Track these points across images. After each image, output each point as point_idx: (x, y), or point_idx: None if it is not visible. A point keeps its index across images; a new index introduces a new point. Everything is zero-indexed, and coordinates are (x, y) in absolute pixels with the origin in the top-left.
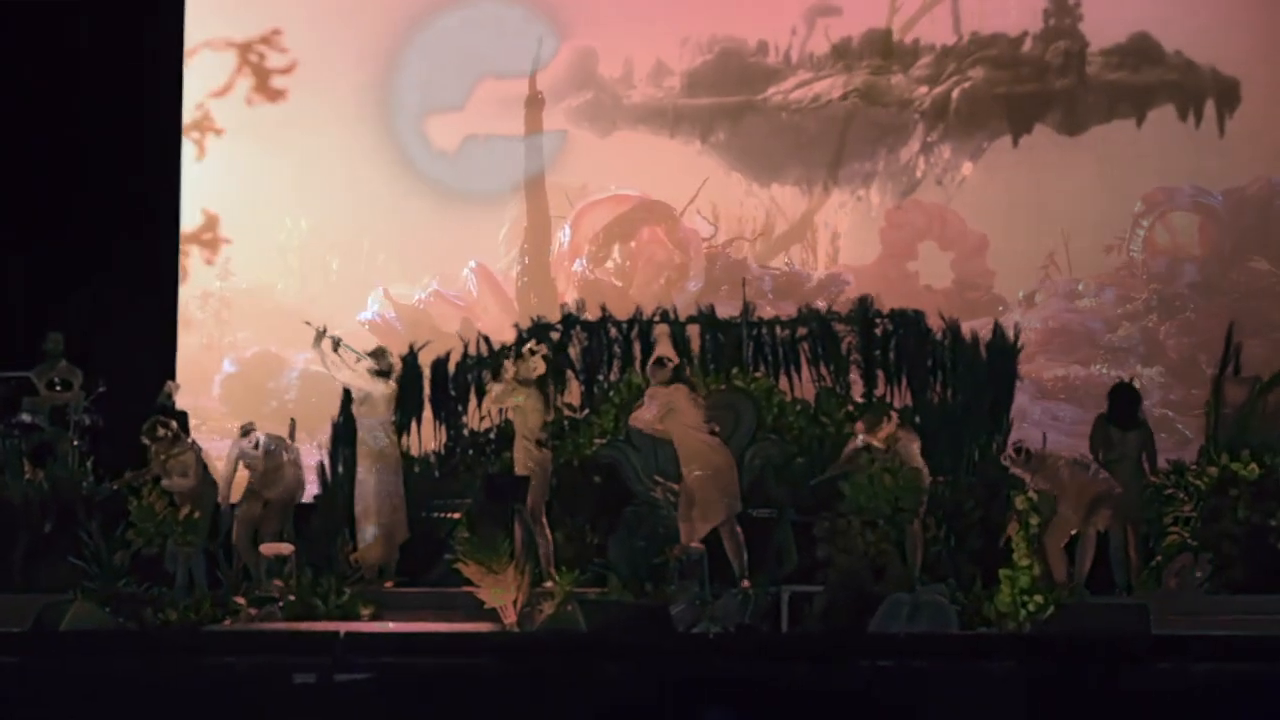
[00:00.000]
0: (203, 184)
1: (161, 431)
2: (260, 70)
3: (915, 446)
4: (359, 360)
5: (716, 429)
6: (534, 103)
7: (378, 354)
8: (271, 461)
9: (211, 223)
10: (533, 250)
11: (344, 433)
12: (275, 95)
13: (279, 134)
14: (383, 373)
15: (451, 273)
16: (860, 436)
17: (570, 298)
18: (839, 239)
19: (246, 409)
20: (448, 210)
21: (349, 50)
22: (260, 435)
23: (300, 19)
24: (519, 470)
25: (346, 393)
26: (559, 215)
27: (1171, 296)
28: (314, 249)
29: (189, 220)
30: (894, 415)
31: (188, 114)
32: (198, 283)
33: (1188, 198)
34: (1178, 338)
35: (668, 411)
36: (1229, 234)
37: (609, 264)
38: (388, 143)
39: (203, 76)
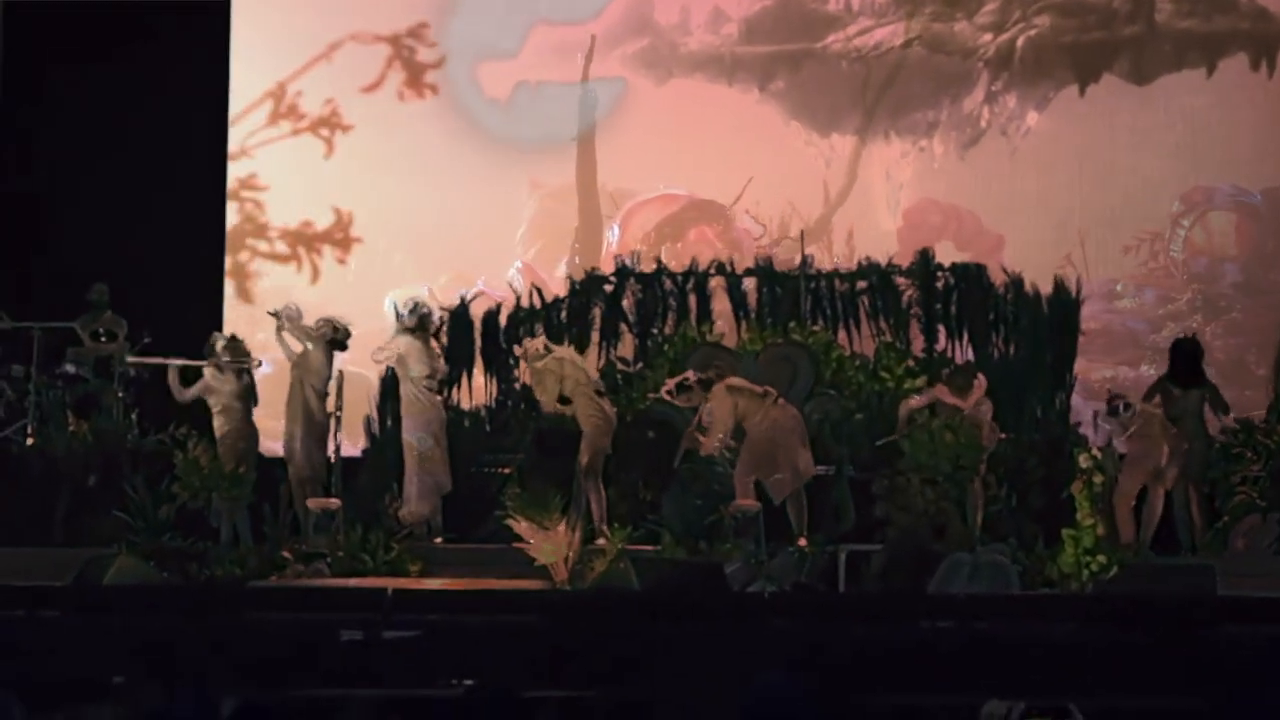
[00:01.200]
0: (333, 180)
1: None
2: (412, 65)
3: (990, 413)
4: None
5: (778, 396)
6: (588, 99)
7: (411, 309)
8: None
9: (343, 221)
10: (584, 252)
11: (390, 388)
12: (425, 90)
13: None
14: (414, 329)
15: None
16: (941, 398)
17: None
18: (901, 190)
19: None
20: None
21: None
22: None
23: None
24: (583, 425)
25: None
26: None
27: (1215, 297)
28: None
29: (322, 220)
30: (982, 379)
31: (314, 108)
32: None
33: (1227, 197)
34: (1224, 338)
35: (734, 411)
36: (1270, 233)
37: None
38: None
39: (350, 71)
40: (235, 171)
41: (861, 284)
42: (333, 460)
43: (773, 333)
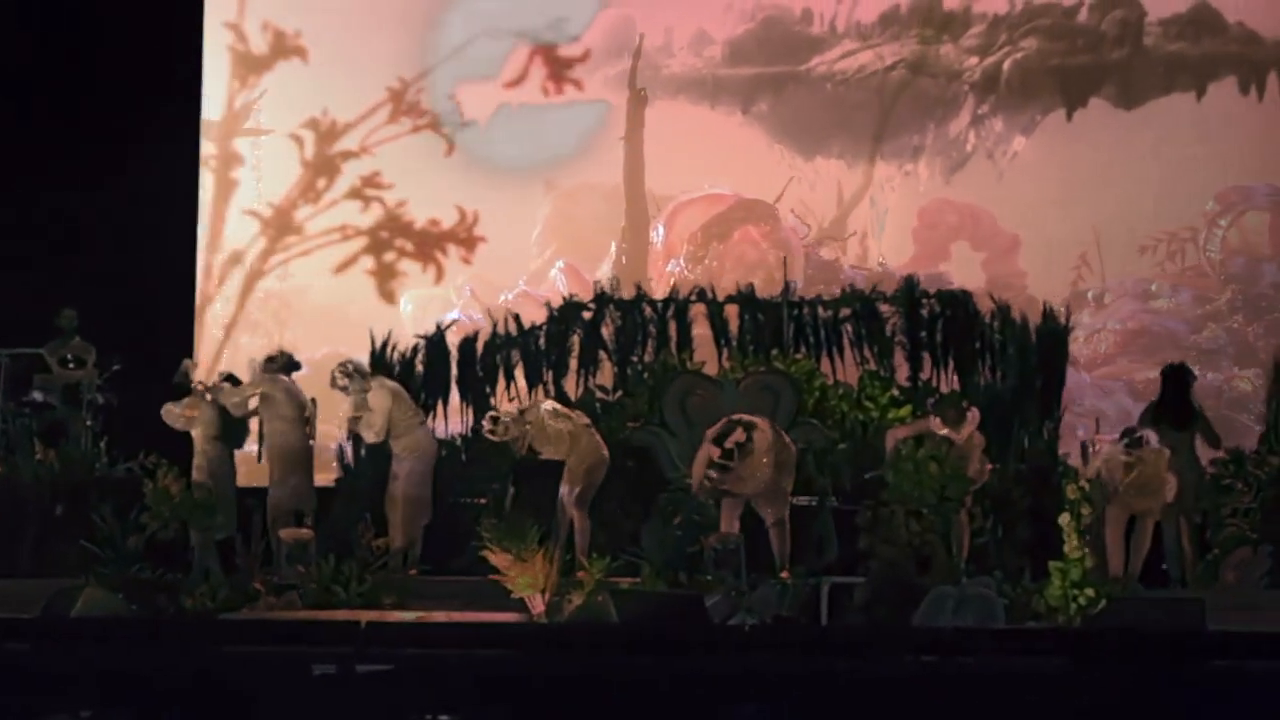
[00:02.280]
0: (452, 180)
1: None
2: (554, 59)
3: (982, 446)
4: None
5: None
6: (637, 99)
7: (346, 372)
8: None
9: (467, 220)
10: (631, 252)
11: None
12: (567, 84)
13: None
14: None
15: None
16: (934, 429)
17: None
18: (887, 215)
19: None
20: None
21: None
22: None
23: None
24: (582, 459)
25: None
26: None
27: (1256, 297)
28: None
29: (448, 218)
30: (975, 412)
31: (437, 104)
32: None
33: (1264, 196)
34: (1267, 338)
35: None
36: None
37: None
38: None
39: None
40: (359, 169)
41: (845, 311)
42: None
43: (754, 361)
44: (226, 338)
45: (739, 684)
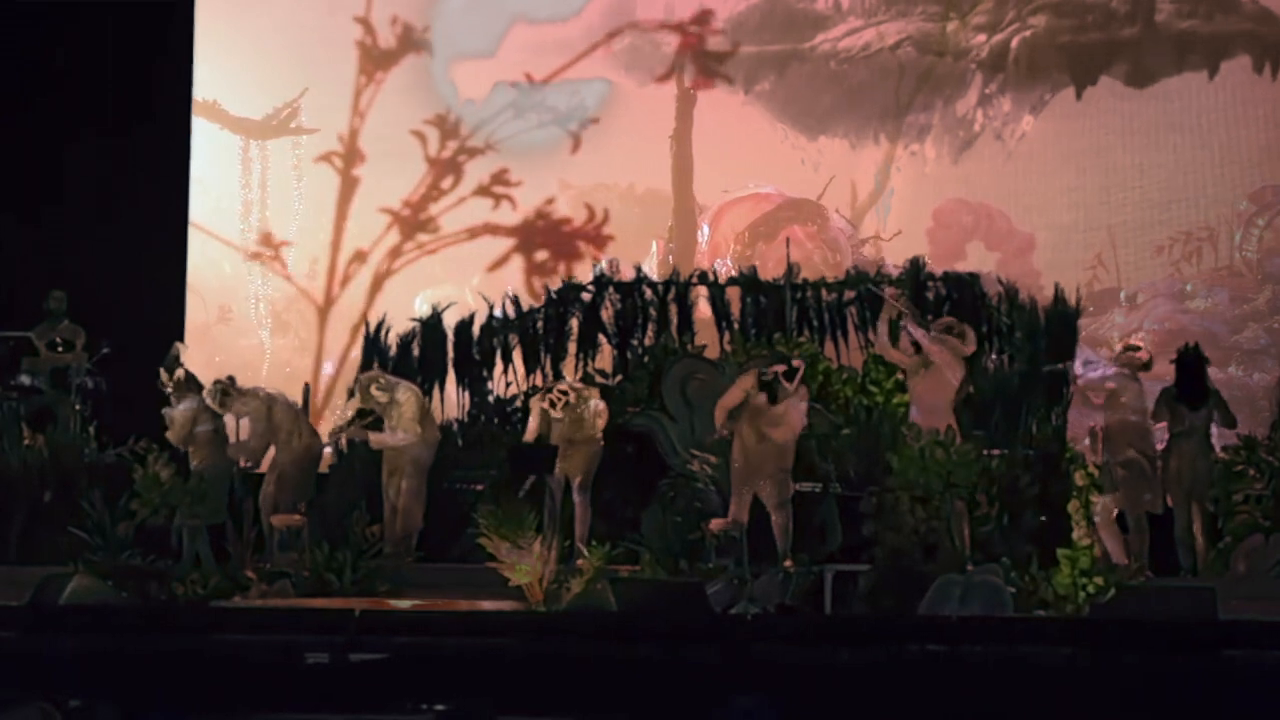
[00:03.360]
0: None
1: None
2: (701, 54)
3: (969, 347)
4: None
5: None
6: (686, 98)
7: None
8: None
9: (595, 217)
10: (678, 252)
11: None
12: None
13: None
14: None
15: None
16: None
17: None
18: (893, 195)
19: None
20: None
21: None
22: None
23: None
24: (588, 444)
25: (365, 361)
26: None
27: None
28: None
29: (577, 215)
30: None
31: (566, 104)
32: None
33: None
34: None
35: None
36: None
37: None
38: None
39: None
40: (488, 167)
41: (849, 294)
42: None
43: (757, 344)
44: (352, 339)
45: (739, 674)
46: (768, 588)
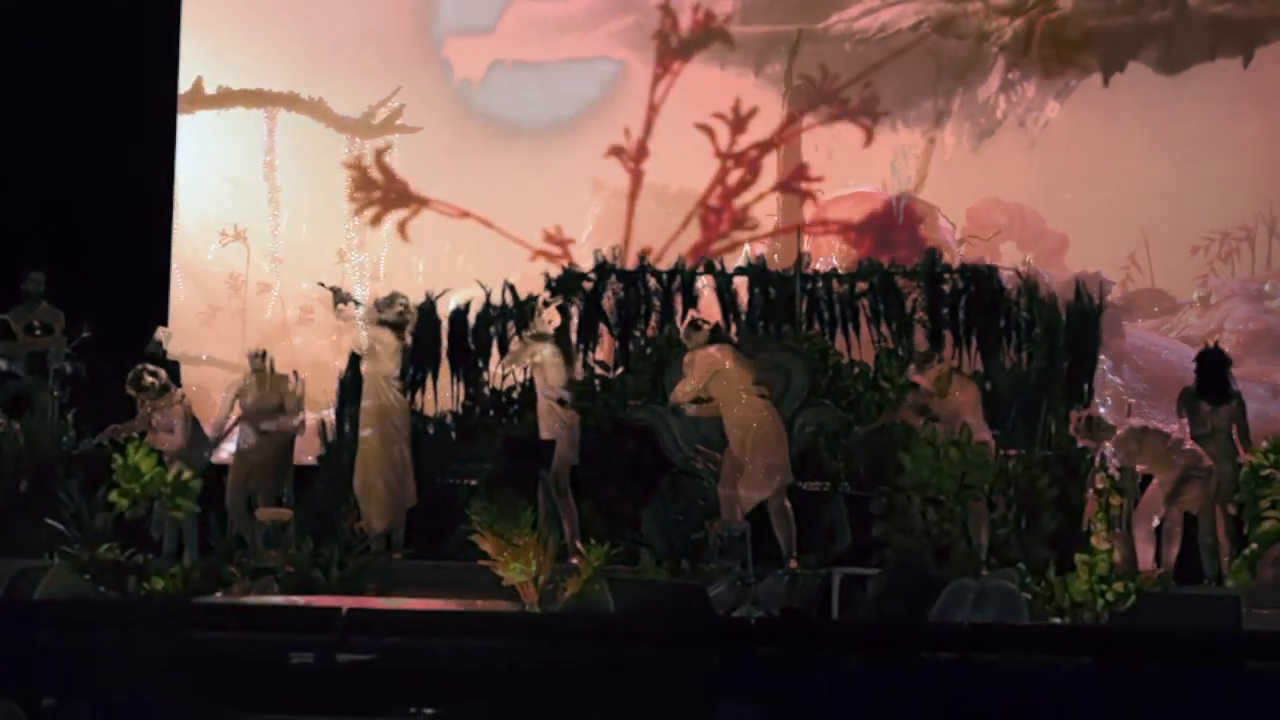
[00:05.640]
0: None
1: (148, 380)
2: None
3: (971, 397)
4: (361, 309)
5: (766, 392)
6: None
7: (388, 301)
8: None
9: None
10: (784, 250)
11: (351, 390)
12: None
13: None
14: (392, 323)
15: None
16: (911, 378)
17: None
18: (909, 184)
19: None
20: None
21: None
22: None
23: None
24: (543, 433)
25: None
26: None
27: None
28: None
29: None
30: (946, 359)
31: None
32: None
33: None
34: None
35: (712, 376)
36: None
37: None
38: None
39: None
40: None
41: (862, 285)
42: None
43: (765, 337)
44: None
45: (741, 680)
46: (773, 590)
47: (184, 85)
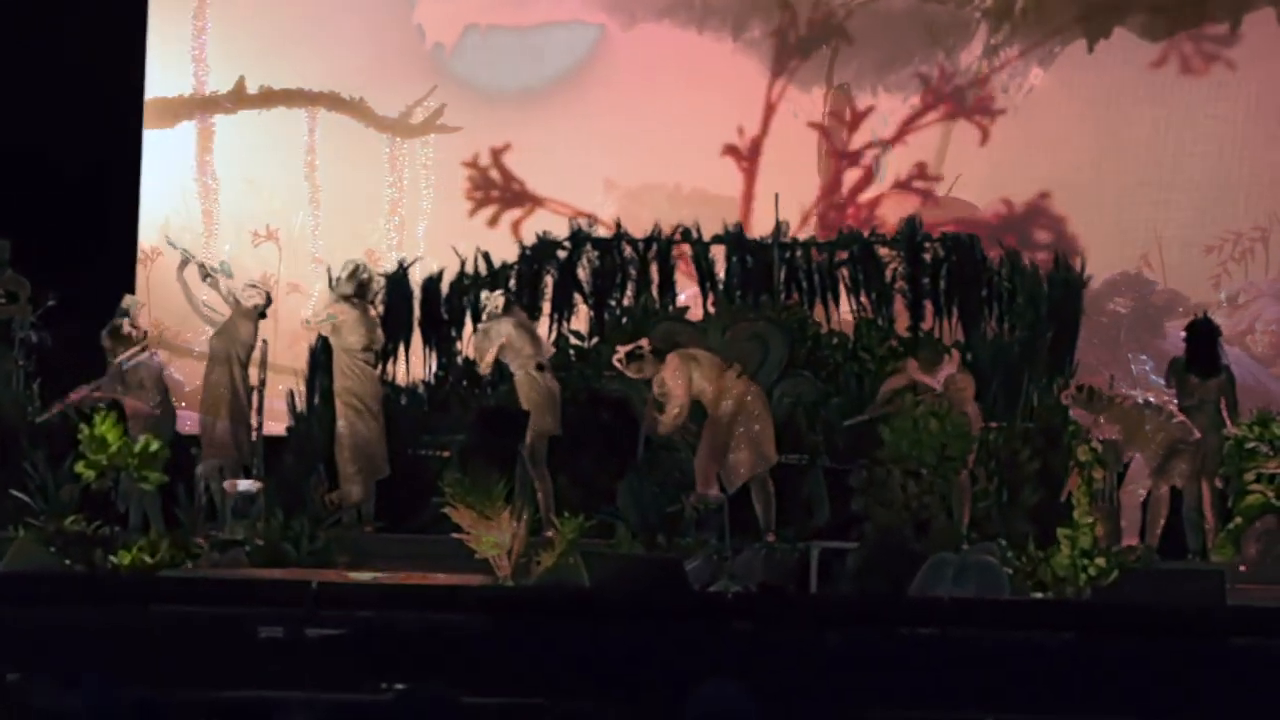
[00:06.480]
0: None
1: (128, 329)
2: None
3: (970, 392)
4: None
5: (741, 369)
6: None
7: (349, 274)
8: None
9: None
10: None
11: (320, 361)
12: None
13: None
14: (351, 296)
15: None
16: (912, 374)
17: None
18: (889, 152)
19: None
20: None
21: None
22: None
23: None
24: (523, 404)
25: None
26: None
27: None
28: None
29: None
30: (954, 354)
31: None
32: None
33: None
34: None
35: (689, 384)
36: None
37: None
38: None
39: None
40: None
41: (841, 254)
42: (254, 439)
43: (743, 307)
44: None
45: (717, 655)
46: (750, 565)
47: (225, 85)
